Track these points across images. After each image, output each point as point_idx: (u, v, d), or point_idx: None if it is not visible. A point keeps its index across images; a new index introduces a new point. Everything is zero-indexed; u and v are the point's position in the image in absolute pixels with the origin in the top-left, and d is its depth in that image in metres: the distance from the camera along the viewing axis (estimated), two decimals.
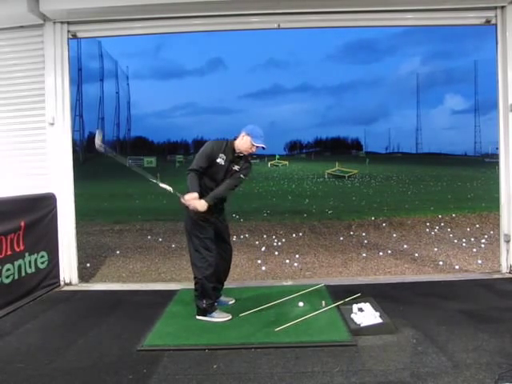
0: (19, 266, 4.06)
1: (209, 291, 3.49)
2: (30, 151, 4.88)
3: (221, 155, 3.47)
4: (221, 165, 3.48)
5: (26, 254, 4.18)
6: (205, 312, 3.50)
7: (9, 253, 3.91)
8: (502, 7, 4.70)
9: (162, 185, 3.52)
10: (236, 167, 3.54)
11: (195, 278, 3.49)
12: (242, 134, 3.53)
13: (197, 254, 3.46)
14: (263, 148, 3.56)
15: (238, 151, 3.53)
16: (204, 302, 3.48)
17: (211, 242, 3.51)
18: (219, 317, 3.50)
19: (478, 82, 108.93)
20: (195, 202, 3.33)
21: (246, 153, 3.54)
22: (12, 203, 4.08)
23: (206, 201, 3.35)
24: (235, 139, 3.57)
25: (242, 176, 3.54)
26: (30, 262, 4.23)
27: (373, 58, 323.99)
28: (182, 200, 3.38)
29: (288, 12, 4.76)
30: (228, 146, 3.53)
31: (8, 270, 3.89)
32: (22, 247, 4.11)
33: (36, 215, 4.37)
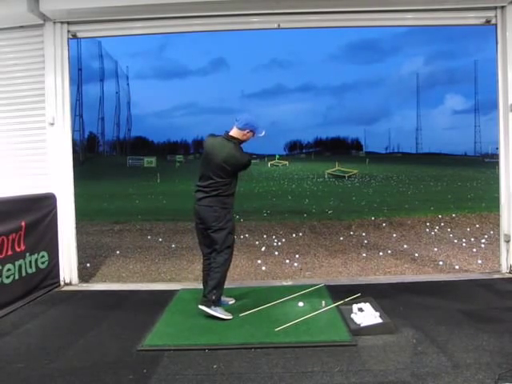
0: (20, 266, 4.06)
1: (223, 283, 3.58)
2: (30, 151, 4.87)
3: None
4: None
5: (27, 254, 4.18)
6: (210, 304, 3.51)
7: (9, 253, 3.90)
8: (502, 7, 4.70)
9: None
10: None
11: (218, 266, 3.53)
12: (246, 131, 3.58)
13: (229, 249, 3.61)
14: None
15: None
16: (214, 292, 3.50)
17: None
18: (222, 313, 3.52)
19: (478, 82, 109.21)
20: None
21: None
22: (12, 203, 4.08)
23: None
24: (229, 132, 3.63)
25: None
26: (30, 262, 4.23)
27: (375, 58, 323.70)
28: None
29: (288, 12, 4.76)
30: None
31: (9, 270, 3.89)
32: (22, 247, 4.11)
33: (36, 215, 4.37)
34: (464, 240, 7.36)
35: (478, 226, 8.72)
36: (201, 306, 3.54)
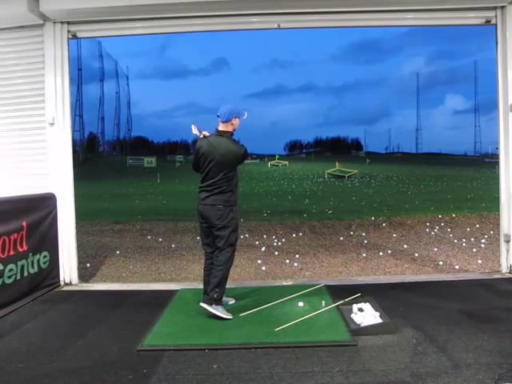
0: (22, 266, 4.06)
1: (225, 281, 3.59)
2: (30, 151, 4.88)
3: None
4: None
5: (30, 255, 4.19)
6: (212, 302, 3.52)
7: (12, 253, 3.90)
8: (502, 7, 4.70)
9: None
10: None
11: (220, 265, 3.55)
12: (232, 120, 3.65)
13: (232, 247, 3.65)
14: None
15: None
16: (216, 290, 3.51)
17: None
18: (222, 312, 3.52)
19: (478, 82, 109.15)
20: None
21: None
22: (13, 203, 4.08)
23: None
24: (220, 129, 3.68)
25: None
26: (32, 262, 4.24)
27: (376, 58, 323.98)
28: None
29: (288, 12, 4.77)
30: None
31: (11, 270, 3.89)
32: (25, 247, 4.11)
33: (37, 215, 4.37)
34: (464, 240, 7.35)
35: (477, 225, 8.71)
36: (202, 304, 3.55)
